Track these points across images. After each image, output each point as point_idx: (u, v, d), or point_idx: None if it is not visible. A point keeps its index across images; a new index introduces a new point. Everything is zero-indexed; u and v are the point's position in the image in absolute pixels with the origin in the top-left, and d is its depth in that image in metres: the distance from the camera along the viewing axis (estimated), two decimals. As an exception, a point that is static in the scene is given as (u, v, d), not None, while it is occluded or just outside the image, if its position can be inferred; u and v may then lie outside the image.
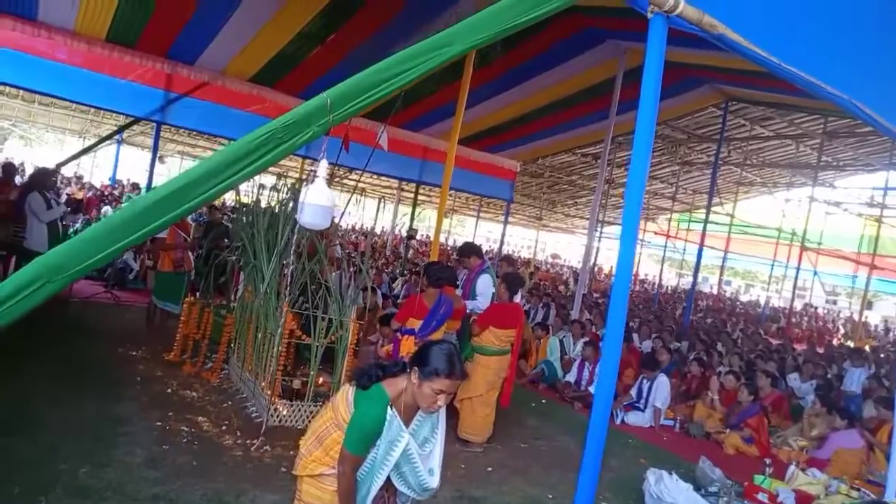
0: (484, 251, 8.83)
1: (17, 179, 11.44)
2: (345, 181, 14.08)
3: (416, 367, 2.29)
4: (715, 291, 26.29)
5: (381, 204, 22.02)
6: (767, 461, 5.85)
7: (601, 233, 19.55)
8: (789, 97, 10.16)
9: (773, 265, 21.41)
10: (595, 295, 17.75)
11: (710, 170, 17.18)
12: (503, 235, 16.46)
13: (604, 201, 18.39)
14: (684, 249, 20.11)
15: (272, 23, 8.60)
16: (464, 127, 8.64)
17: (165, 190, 1.87)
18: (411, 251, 17.90)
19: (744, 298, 33.51)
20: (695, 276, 12.86)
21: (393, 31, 8.71)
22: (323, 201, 2.34)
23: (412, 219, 16.55)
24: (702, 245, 12.52)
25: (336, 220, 5.55)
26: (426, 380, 2.24)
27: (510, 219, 17.68)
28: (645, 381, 7.03)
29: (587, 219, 27.99)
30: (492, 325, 5.11)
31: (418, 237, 21.56)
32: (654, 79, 2.78)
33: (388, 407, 2.29)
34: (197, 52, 9.76)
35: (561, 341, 8.71)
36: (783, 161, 16.65)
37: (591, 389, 7.20)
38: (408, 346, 4.49)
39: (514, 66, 8.98)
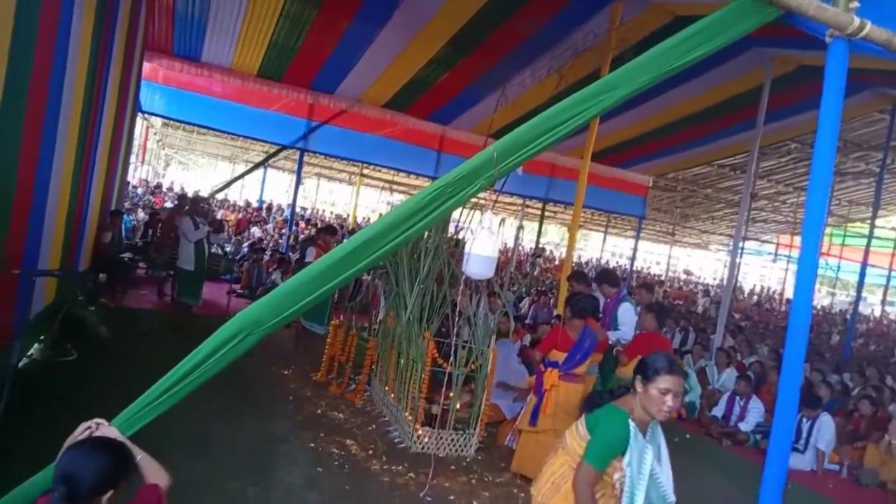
0: (615, 270, 8.53)
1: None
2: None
3: (637, 377, 2.36)
4: (876, 313, 23.58)
5: (520, 224, 21.85)
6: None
7: (743, 249, 18.24)
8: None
9: (949, 284, 18.93)
10: (736, 316, 16.56)
11: (867, 179, 15.51)
12: (634, 252, 15.89)
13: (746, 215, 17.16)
14: (838, 267, 18.28)
15: (405, 51, 8.96)
16: (595, 142, 8.47)
17: (349, 247, 1.96)
18: (538, 269, 17.73)
19: (911, 321, 29.59)
20: (857, 298, 11.60)
21: (519, 54, 8.77)
22: (488, 252, 2.37)
23: (538, 236, 16.40)
24: (865, 262, 11.28)
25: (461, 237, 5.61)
26: (650, 382, 2.30)
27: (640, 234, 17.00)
28: (805, 419, 6.40)
29: (722, 234, 26.38)
30: (641, 355, 4.89)
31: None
32: (834, 106, 2.59)
33: (629, 419, 2.33)
34: (336, 83, 10.39)
35: (704, 369, 8.20)
36: (962, 168, 14.65)
37: (742, 426, 6.68)
38: (552, 379, 4.41)
39: (651, 80, 8.67)
